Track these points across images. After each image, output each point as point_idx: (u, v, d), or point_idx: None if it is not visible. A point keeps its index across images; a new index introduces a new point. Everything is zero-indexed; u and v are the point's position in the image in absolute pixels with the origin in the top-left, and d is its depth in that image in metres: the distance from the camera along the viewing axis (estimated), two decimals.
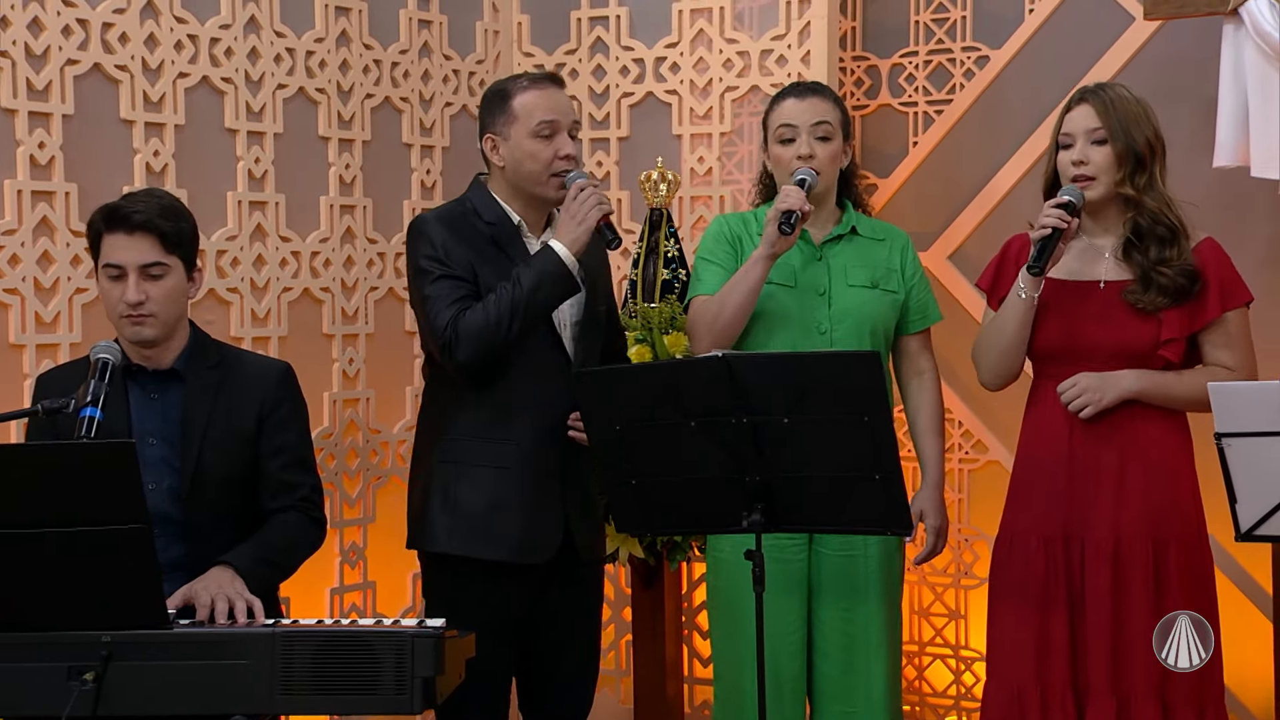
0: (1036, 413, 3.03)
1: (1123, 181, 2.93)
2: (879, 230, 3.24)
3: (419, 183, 4.19)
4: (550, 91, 3.01)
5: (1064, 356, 2.96)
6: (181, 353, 2.86)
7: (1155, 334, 2.92)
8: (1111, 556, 2.91)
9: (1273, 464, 2.43)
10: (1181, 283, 2.91)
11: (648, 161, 4.19)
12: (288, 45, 3.81)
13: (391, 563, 4.01)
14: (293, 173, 3.84)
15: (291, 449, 2.92)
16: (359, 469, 4.02)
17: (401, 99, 4.12)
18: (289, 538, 2.87)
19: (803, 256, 3.13)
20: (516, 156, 3.00)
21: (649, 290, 4.01)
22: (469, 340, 2.88)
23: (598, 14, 4.43)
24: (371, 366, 4.04)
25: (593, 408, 2.74)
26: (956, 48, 4.36)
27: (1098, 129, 2.94)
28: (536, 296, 2.88)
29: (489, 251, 2.98)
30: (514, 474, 2.97)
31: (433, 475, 3.04)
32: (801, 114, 3.12)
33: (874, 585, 3.13)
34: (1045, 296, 2.94)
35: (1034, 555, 2.97)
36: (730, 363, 2.58)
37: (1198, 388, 2.90)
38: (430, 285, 2.94)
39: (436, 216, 3.03)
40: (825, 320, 3.11)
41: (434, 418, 3.10)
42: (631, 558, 3.88)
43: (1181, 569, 2.92)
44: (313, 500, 2.95)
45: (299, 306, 3.86)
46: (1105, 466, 2.93)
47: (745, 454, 2.63)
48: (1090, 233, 3.00)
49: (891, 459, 2.59)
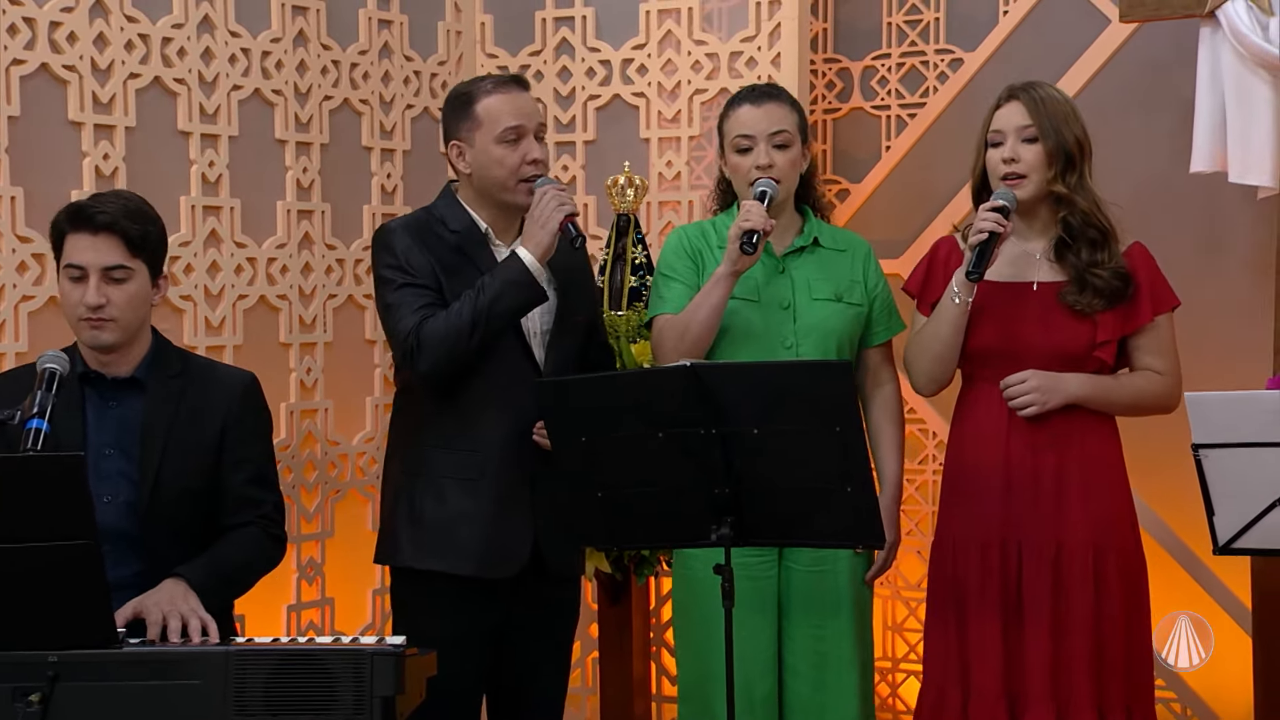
0: (971, 416, 3.07)
1: (1054, 179, 2.97)
2: (840, 240, 3.26)
3: (379, 187, 4.18)
4: (514, 95, 3.01)
5: (1000, 358, 3.00)
6: (142, 360, 2.84)
7: (1091, 336, 2.97)
8: (1052, 562, 2.96)
9: (1251, 475, 2.45)
10: (1116, 285, 2.97)
11: (614, 166, 4.19)
12: (243, 45, 3.80)
13: (350, 579, 4.00)
14: (248, 177, 3.82)
15: (255, 463, 2.90)
16: (317, 482, 4.00)
17: (361, 101, 4.11)
18: (247, 553, 2.85)
19: (765, 270, 3.14)
20: (482, 163, 3.00)
21: (616, 298, 4.01)
22: (431, 349, 2.88)
23: (563, 14, 4.43)
24: (330, 376, 4.02)
25: (557, 418, 2.73)
26: (930, 50, 4.39)
27: (1028, 126, 2.97)
28: (500, 305, 2.88)
29: (454, 260, 2.97)
30: (480, 485, 2.97)
31: (399, 487, 3.04)
32: (758, 122, 3.12)
33: (845, 601, 3.14)
34: (979, 298, 2.97)
35: (969, 560, 3.01)
36: (699, 372, 2.59)
37: (1136, 393, 3.01)
38: (393, 294, 2.94)
39: (401, 225, 3.03)
40: (790, 335, 3.12)
41: (401, 428, 3.10)
42: (598, 573, 3.87)
43: (1121, 577, 2.97)
44: (274, 518, 2.93)
45: (255, 314, 3.84)
46: (1044, 472, 2.98)
47: (714, 465, 2.63)
48: (1020, 234, 3.03)
49: (863, 470, 2.59)
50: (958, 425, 3.10)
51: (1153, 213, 4.01)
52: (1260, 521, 2.47)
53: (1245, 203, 3.80)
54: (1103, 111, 4.10)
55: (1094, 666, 2.93)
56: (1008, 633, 2.97)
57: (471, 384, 2.96)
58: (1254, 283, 3.86)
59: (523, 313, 2.94)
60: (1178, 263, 3.92)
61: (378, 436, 4.08)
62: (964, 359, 3.04)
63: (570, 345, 3.09)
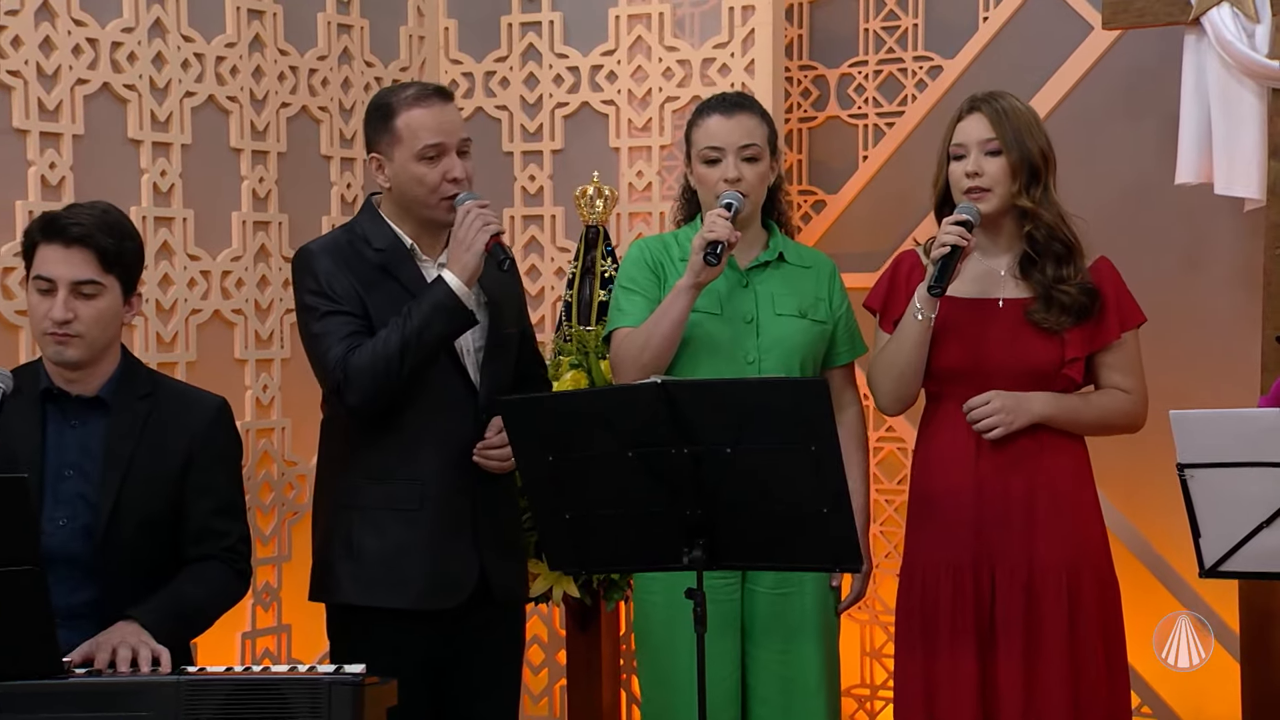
0: (937, 437, 3.08)
1: (1019, 193, 2.98)
2: (805, 257, 3.27)
3: (339, 197, 4.16)
4: (436, 109, 2.96)
5: (967, 377, 3.01)
6: (109, 380, 2.81)
7: (1060, 354, 2.99)
8: (1025, 586, 2.97)
9: (1238, 496, 2.46)
10: (1084, 301, 2.99)
11: (583, 176, 4.19)
12: (196, 50, 3.78)
13: (308, 605, 3.93)
14: (202, 187, 3.80)
15: (221, 493, 2.88)
16: (273, 504, 3.98)
17: (320, 108, 4.10)
18: (207, 590, 2.83)
19: (728, 283, 3.14)
20: (402, 179, 2.96)
21: (585, 312, 4.01)
22: (359, 382, 2.85)
23: (530, 19, 4.43)
24: (287, 394, 4.00)
25: (522, 438, 2.72)
26: (908, 57, 4.41)
27: (991, 139, 2.99)
28: (428, 333, 2.85)
29: (378, 280, 2.95)
30: (420, 515, 2.94)
31: (333, 521, 3.01)
32: (728, 134, 3.13)
33: (811, 624, 3.14)
34: (943, 316, 2.98)
35: (940, 586, 3.01)
36: (670, 390, 2.58)
37: (1102, 412, 3.04)
38: (317, 323, 2.92)
39: (320, 247, 3.00)
40: (753, 350, 3.13)
41: (331, 457, 3.07)
42: (566, 597, 3.86)
43: (1096, 600, 2.99)
44: (239, 551, 2.90)
45: (209, 330, 3.82)
46: (1013, 494, 2.99)
47: (685, 486, 2.63)
48: (984, 249, 3.05)
49: (840, 490, 2.60)
50: (923, 446, 3.11)
51: (1136, 225, 4.04)
52: (1248, 543, 2.48)
53: (1231, 215, 3.83)
54: (1085, 121, 4.13)
55: (1070, 691, 2.94)
56: (982, 658, 2.98)
57: (405, 408, 2.93)
58: (1241, 297, 3.89)
59: (452, 339, 2.92)
60: (1162, 276, 3.98)
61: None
62: (929, 378, 3.05)
63: (505, 360, 3.07)
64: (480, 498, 2.99)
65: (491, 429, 2.96)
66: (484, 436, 2.97)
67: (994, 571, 2.99)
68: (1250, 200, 3.62)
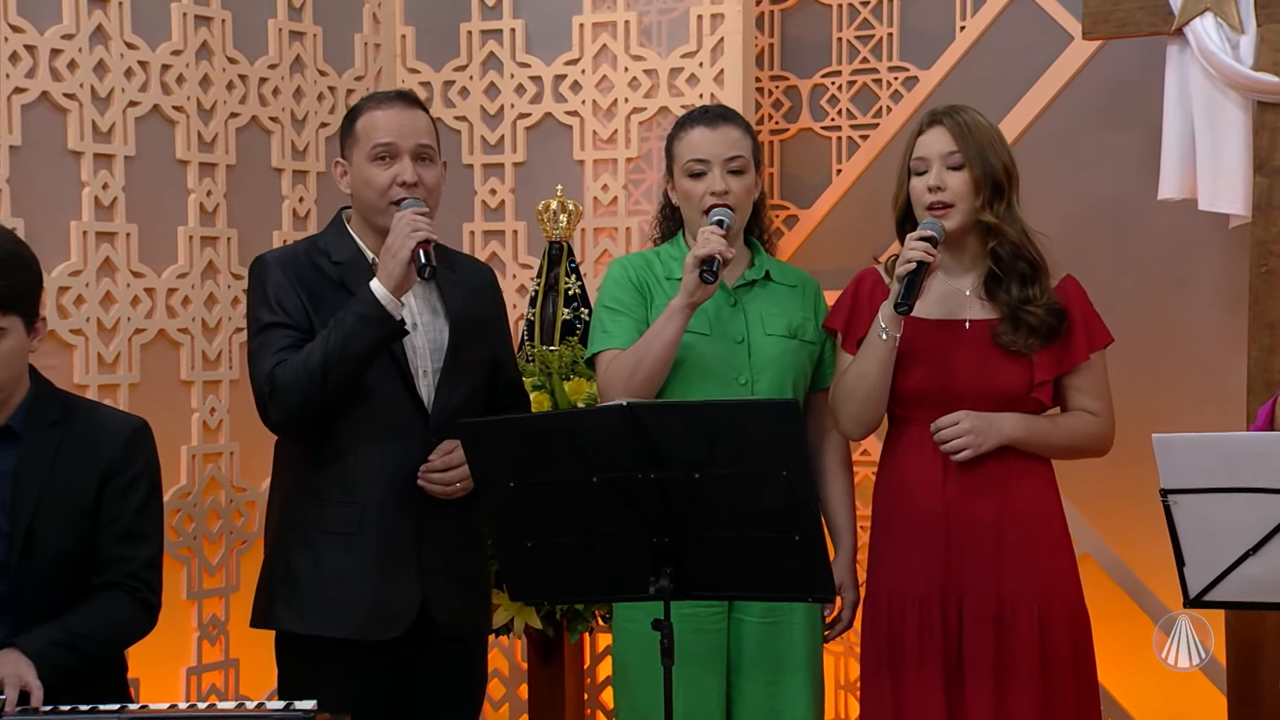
0: (902, 460, 3.09)
1: (982, 208, 3.00)
2: (790, 276, 3.28)
3: (290, 211, 4.15)
4: (395, 111, 2.98)
5: (934, 400, 3.03)
6: (18, 409, 2.78)
7: (1028, 376, 3.01)
8: (995, 618, 2.98)
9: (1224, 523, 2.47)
10: (1051, 322, 3.02)
11: (546, 190, 4.19)
12: (140, 58, 3.77)
13: (257, 638, 3.89)
14: (146, 200, 3.79)
15: (129, 518, 2.83)
16: (221, 532, 3.96)
17: (270, 119, 4.09)
18: (102, 620, 2.78)
19: (716, 302, 3.15)
20: (356, 183, 2.99)
21: (548, 332, 4.00)
22: (283, 396, 2.85)
23: (490, 27, 4.44)
24: (236, 417, 3.98)
25: (483, 462, 2.71)
26: (883, 67, 4.43)
27: (954, 153, 3.01)
28: (352, 345, 2.83)
29: (329, 294, 2.94)
30: (359, 540, 2.93)
31: (275, 544, 3.01)
32: (714, 146, 3.14)
33: (800, 656, 3.14)
34: (908, 338, 3.00)
35: (907, 616, 3.02)
36: (636, 412, 2.58)
37: (1071, 435, 3.06)
38: (256, 337, 2.93)
39: (275, 257, 3.00)
40: (746, 371, 3.13)
41: (280, 479, 3.07)
42: (528, 629, 3.85)
43: (1068, 631, 3.00)
44: (143, 578, 2.85)
45: (153, 350, 3.81)
46: (982, 519, 3.00)
47: (653, 513, 2.63)
48: (948, 269, 3.07)
49: (812, 518, 2.60)
50: (887, 470, 3.12)
51: (1118, 242, 4.07)
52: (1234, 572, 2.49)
53: (1216, 231, 3.86)
54: (1065, 134, 4.16)
55: None
56: (949, 690, 2.98)
57: (345, 428, 2.92)
58: (1225, 317, 3.91)
59: (379, 351, 2.89)
60: (1144, 295, 4.01)
61: None
62: (894, 400, 3.06)
63: (466, 385, 3.04)
64: (426, 525, 2.97)
65: (438, 452, 2.95)
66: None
67: (961, 602, 2.99)
68: (1235, 216, 3.64)
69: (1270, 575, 2.49)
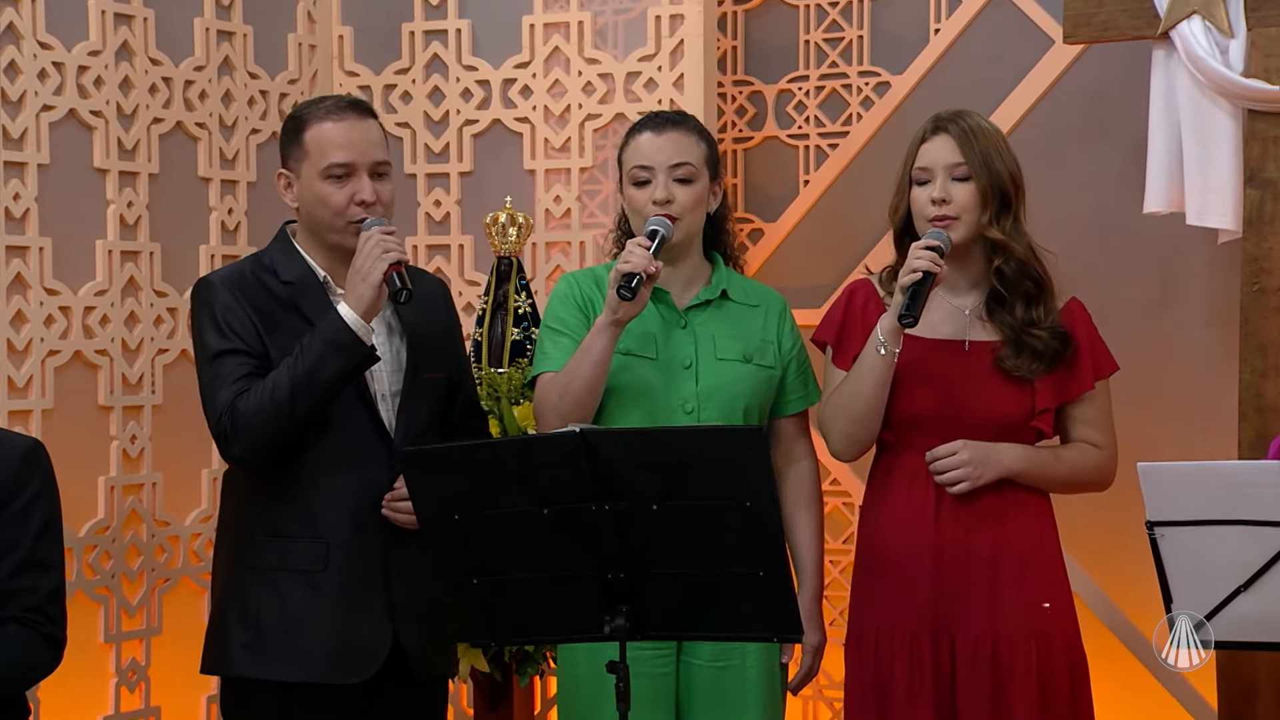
0: (892, 490, 3.09)
1: (988, 223, 3.01)
2: (753, 294, 3.28)
3: (219, 224, 4.14)
4: (349, 124, 2.98)
5: (928, 425, 3.03)
6: None
7: (1030, 403, 3.03)
8: (990, 658, 2.99)
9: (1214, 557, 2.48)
10: (1056, 346, 3.03)
11: (495, 201, 4.20)
12: (55, 59, 3.76)
13: (181, 684, 3.92)
14: (61, 212, 3.77)
15: (23, 547, 2.80)
16: (141, 569, 3.93)
17: (197, 124, 4.08)
18: (1, 658, 2.75)
19: (664, 323, 3.15)
20: (308, 200, 2.99)
21: (496, 353, 4.01)
22: (247, 431, 2.85)
23: (434, 27, 4.44)
24: (159, 445, 3.97)
25: (425, 493, 2.71)
26: (853, 72, 4.46)
27: (959, 164, 3.02)
28: (322, 373, 2.84)
29: (282, 316, 2.95)
30: (323, 577, 2.93)
31: (229, 583, 2.99)
32: (658, 152, 3.14)
33: (753, 699, 3.13)
34: (906, 357, 3.00)
35: (895, 655, 3.03)
36: (589, 439, 2.58)
37: (1073, 468, 3.07)
38: (209, 365, 2.92)
39: (221, 278, 3.00)
40: (692, 398, 3.13)
41: (231, 512, 3.06)
42: (474, 672, 3.84)
43: (1067, 673, 3.01)
44: (44, 611, 2.82)
45: (69, 373, 3.78)
46: (977, 555, 3.01)
47: (607, 547, 2.63)
48: (950, 285, 3.07)
49: (777, 552, 2.60)
50: (875, 500, 3.12)
51: (1100, 258, 4.10)
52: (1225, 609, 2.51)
53: (1205, 246, 3.89)
54: (1045, 143, 4.20)
55: None
56: None
57: (306, 458, 2.92)
58: (1215, 337, 3.95)
59: (350, 378, 2.91)
60: (1130, 314, 4.04)
61: (216, 515, 4.02)
62: (885, 425, 3.07)
63: (426, 407, 3.06)
64: (395, 558, 2.97)
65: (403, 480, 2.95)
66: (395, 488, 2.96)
67: (954, 640, 3.00)
68: (1225, 231, 3.67)
69: (1263, 613, 2.50)
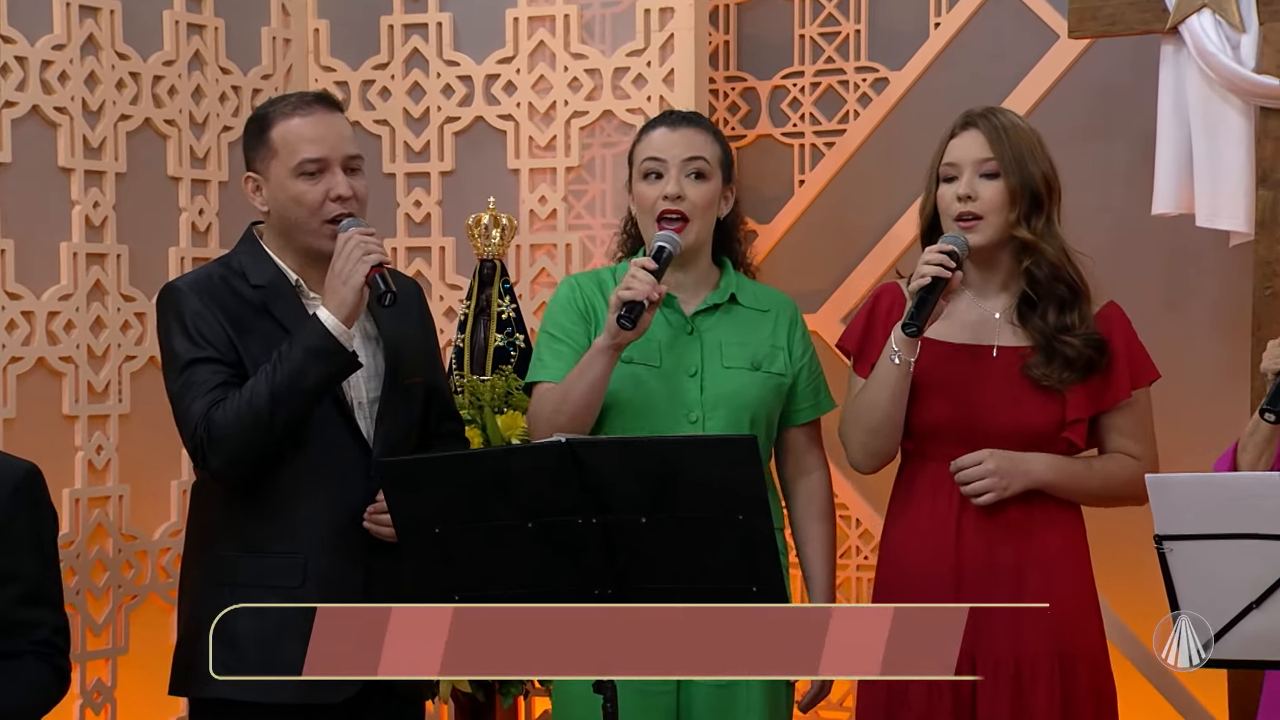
0: (914, 502, 3.08)
1: (1016, 223, 3.00)
2: (763, 298, 3.27)
3: (189, 225, 4.14)
4: (317, 118, 2.98)
5: (952, 435, 3.02)
6: None
7: (1060, 414, 3.01)
8: (1012, 678, 2.97)
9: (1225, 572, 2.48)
10: (1090, 354, 3.01)
11: (477, 202, 4.19)
12: (17, 53, 3.75)
13: (148, 706, 3.91)
14: (24, 213, 3.77)
15: (27, 578, 2.81)
16: (107, 586, 3.92)
17: (166, 121, 4.08)
18: (13, 691, 2.76)
19: (670, 330, 3.15)
20: (280, 200, 2.98)
21: (479, 359, 4.00)
22: (224, 442, 2.85)
23: (414, 20, 4.44)
24: (126, 456, 3.96)
25: (404, 506, 2.70)
26: (849, 68, 4.46)
27: (989, 160, 3.01)
28: (302, 381, 2.85)
29: (254, 321, 2.95)
30: (301, 593, 2.92)
31: (200, 599, 2.99)
32: (672, 146, 3.15)
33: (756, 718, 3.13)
34: (930, 363, 2.99)
35: None
36: (576, 449, 2.58)
37: (1108, 480, 3.04)
38: (180, 375, 2.92)
39: (189, 283, 3.00)
40: (697, 407, 3.13)
41: (202, 526, 3.05)
42: (455, 692, 3.84)
43: (1092, 693, 3.00)
44: (55, 644, 2.84)
45: (31, 381, 3.78)
46: (1000, 569, 3.00)
47: (594, 562, 2.62)
48: (978, 289, 3.06)
49: (772, 567, 2.60)
50: (898, 512, 3.11)
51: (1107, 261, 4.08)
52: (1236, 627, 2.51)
53: (1215, 249, 3.90)
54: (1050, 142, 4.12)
55: None
56: None
57: (282, 470, 2.92)
58: (1226, 343, 3.95)
59: (331, 386, 2.91)
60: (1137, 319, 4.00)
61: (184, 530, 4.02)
62: (907, 434, 3.05)
63: (406, 414, 3.07)
64: (376, 572, 2.97)
65: None
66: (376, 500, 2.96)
67: (974, 659, 2.97)
68: (1236, 234, 3.68)
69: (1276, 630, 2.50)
